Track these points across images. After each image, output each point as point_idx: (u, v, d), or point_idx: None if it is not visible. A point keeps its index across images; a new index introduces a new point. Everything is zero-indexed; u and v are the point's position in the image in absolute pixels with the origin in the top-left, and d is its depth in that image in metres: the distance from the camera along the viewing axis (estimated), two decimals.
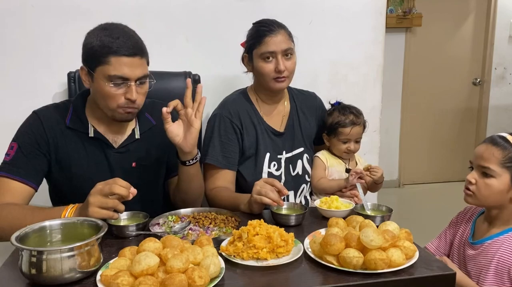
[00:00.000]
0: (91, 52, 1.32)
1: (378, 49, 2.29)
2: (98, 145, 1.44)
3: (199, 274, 0.92)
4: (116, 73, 1.30)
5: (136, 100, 1.35)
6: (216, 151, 1.65)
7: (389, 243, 1.05)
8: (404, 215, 2.09)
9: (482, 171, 1.34)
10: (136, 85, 1.34)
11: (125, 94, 1.34)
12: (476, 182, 1.35)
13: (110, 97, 1.33)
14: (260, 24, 1.66)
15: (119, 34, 1.31)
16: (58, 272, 0.96)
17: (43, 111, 1.44)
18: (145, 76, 1.37)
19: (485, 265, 1.31)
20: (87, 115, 1.45)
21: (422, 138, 4.58)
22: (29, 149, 1.38)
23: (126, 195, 1.19)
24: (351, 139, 1.74)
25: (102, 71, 1.31)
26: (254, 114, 1.72)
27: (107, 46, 1.29)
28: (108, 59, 1.30)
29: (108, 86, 1.32)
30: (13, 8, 1.85)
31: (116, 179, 1.20)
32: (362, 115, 1.79)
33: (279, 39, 1.60)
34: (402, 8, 4.13)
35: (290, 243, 1.13)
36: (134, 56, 1.32)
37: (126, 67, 1.31)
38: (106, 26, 1.35)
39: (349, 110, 1.76)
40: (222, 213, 1.40)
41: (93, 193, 1.19)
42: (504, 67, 4.49)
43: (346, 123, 1.73)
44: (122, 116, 1.38)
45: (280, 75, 1.62)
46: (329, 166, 1.76)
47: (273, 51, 1.60)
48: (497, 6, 4.35)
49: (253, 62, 1.66)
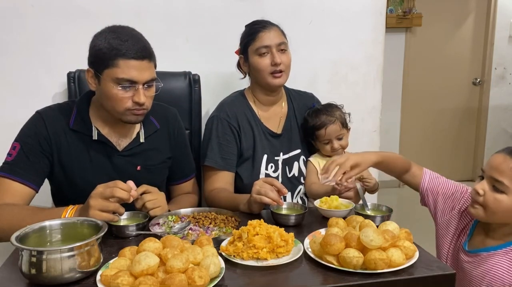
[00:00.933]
0: (99, 55, 1.31)
1: (378, 49, 2.29)
2: (102, 147, 1.44)
3: (199, 274, 0.92)
4: (125, 76, 1.29)
5: (145, 103, 1.35)
6: (215, 153, 1.66)
7: (389, 243, 1.05)
8: (404, 215, 2.09)
9: (493, 183, 1.22)
10: (144, 88, 1.34)
11: (132, 97, 1.33)
12: (485, 194, 1.23)
13: (118, 100, 1.32)
14: (253, 23, 1.69)
15: (127, 37, 1.30)
16: (58, 272, 0.96)
17: (46, 112, 1.43)
18: (153, 80, 1.36)
19: (478, 276, 1.26)
20: (91, 117, 1.44)
21: (422, 138, 4.58)
22: (31, 149, 1.37)
23: (127, 198, 1.19)
24: (332, 139, 1.73)
25: (110, 74, 1.30)
26: (251, 116, 1.73)
27: (115, 48, 1.28)
28: (117, 62, 1.29)
29: (116, 89, 1.31)
30: (13, 8, 1.85)
31: (116, 182, 1.20)
32: (339, 111, 1.74)
33: (273, 34, 1.63)
34: (402, 8, 4.13)
35: (290, 243, 1.13)
36: (142, 60, 1.31)
37: (135, 70, 1.30)
38: (114, 28, 1.34)
39: (320, 112, 1.73)
40: (222, 213, 1.40)
41: (94, 196, 1.18)
42: (504, 67, 4.49)
43: (319, 126, 1.71)
44: (131, 119, 1.38)
45: (277, 69, 1.63)
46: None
47: (268, 45, 1.62)
48: (497, 6, 4.35)
49: (249, 61, 1.67)
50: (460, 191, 1.44)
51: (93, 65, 1.35)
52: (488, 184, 1.24)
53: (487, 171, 1.24)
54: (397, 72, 4.31)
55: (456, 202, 1.43)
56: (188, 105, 1.92)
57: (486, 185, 1.24)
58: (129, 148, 1.47)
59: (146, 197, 1.32)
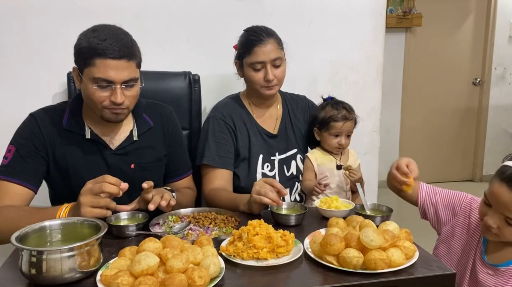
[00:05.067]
0: (80, 53, 1.32)
1: (378, 49, 2.29)
2: (95, 146, 1.44)
3: (199, 274, 0.92)
4: (101, 76, 1.29)
5: (124, 102, 1.34)
6: (212, 152, 1.66)
7: (389, 243, 1.05)
8: (404, 215, 2.08)
9: (505, 217, 1.18)
10: (122, 88, 1.32)
11: (110, 96, 1.32)
12: (498, 227, 1.19)
13: (95, 98, 1.32)
14: (249, 33, 1.67)
15: (106, 36, 1.29)
16: (58, 272, 0.96)
17: (39, 114, 1.44)
18: (133, 79, 1.35)
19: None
20: (83, 117, 1.45)
21: (422, 138, 4.58)
22: (27, 151, 1.38)
23: (117, 192, 1.19)
24: (342, 134, 1.75)
25: (88, 73, 1.31)
26: (246, 117, 1.75)
27: (93, 48, 1.28)
28: (94, 61, 1.28)
29: (93, 88, 1.31)
30: (13, 8, 1.85)
31: (105, 176, 1.20)
32: (354, 112, 1.80)
33: (268, 48, 1.62)
34: (402, 8, 4.13)
35: (290, 243, 1.13)
36: (120, 59, 1.29)
37: (111, 70, 1.29)
38: (96, 27, 1.33)
39: (341, 105, 1.78)
40: (222, 213, 1.40)
41: (84, 193, 1.19)
42: (504, 67, 4.50)
43: (339, 118, 1.74)
44: (110, 117, 1.37)
45: (270, 84, 1.65)
46: (320, 164, 1.76)
47: (262, 61, 1.63)
48: (497, 6, 4.35)
49: (243, 69, 1.69)
50: (459, 197, 1.43)
51: (76, 63, 1.35)
52: (499, 218, 1.19)
53: (495, 206, 1.20)
54: (397, 72, 4.31)
55: (457, 208, 1.42)
56: (188, 105, 1.92)
57: (498, 219, 1.19)
58: (122, 146, 1.47)
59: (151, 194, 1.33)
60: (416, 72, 4.36)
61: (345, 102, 1.81)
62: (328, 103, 1.81)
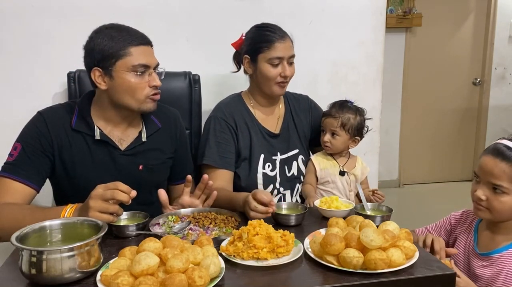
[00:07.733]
0: (106, 50, 1.33)
1: (378, 49, 2.29)
2: (104, 147, 1.44)
3: (199, 274, 0.92)
4: (140, 62, 1.35)
5: (159, 86, 1.40)
6: (213, 152, 1.66)
7: (389, 243, 1.05)
8: (404, 215, 2.09)
9: (492, 187, 1.25)
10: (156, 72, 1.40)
11: (148, 83, 1.38)
12: (487, 198, 1.26)
13: (138, 88, 1.37)
14: (267, 28, 1.67)
15: (126, 28, 1.37)
16: (58, 272, 0.96)
17: (48, 112, 1.43)
18: (158, 65, 1.42)
19: (492, 277, 1.27)
20: (92, 117, 1.44)
21: (422, 138, 4.58)
22: (33, 150, 1.37)
23: (127, 201, 1.18)
24: (326, 130, 1.75)
25: (124, 65, 1.34)
26: (248, 116, 1.74)
27: (122, 39, 1.34)
28: (128, 51, 1.34)
29: (134, 77, 1.36)
30: (13, 8, 1.85)
31: (117, 183, 1.18)
32: (351, 114, 1.73)
33: (287, 45, 1.66)
34: (402, 8, 4.13)
35: (290, 243, 1.13)
36: (148, 45, 1.39)
37: (146, 55, 1.37)
38: (109, 25, 1.38)
39: (336, 104, 1.77)
40: (222, 213, 1.40)
41: (94, 197, 1.17)
42: (504, 67, 4.49)
43: (325, 113, 1.78)
44: (150, 106, 1.42)
45: (285, 80, 1.67)
46: (322, 168, 1.76)
47: (281, 57, 1.64)
48: (497, 6, 4.35)
49: (256, 65, 1.67)
50: (446, 218, 1.51)
51: (100, 63, 1.35)
52: (487, 188, 1.27)
53: (483, 177, 1.28)
54: (397, 72, 4.30)
55: (449, 226, 1.49)
56: (188, 105, 1.92)
57: (486, 190, 1.27)
58: (131, 147, 1.47)
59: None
60: (416, 72, 4.36)
61: (345, 103, 1.76)
62: (337, 102, 1.79)
